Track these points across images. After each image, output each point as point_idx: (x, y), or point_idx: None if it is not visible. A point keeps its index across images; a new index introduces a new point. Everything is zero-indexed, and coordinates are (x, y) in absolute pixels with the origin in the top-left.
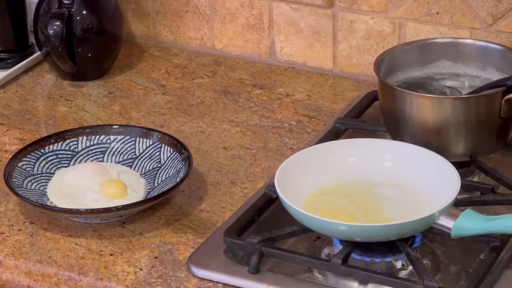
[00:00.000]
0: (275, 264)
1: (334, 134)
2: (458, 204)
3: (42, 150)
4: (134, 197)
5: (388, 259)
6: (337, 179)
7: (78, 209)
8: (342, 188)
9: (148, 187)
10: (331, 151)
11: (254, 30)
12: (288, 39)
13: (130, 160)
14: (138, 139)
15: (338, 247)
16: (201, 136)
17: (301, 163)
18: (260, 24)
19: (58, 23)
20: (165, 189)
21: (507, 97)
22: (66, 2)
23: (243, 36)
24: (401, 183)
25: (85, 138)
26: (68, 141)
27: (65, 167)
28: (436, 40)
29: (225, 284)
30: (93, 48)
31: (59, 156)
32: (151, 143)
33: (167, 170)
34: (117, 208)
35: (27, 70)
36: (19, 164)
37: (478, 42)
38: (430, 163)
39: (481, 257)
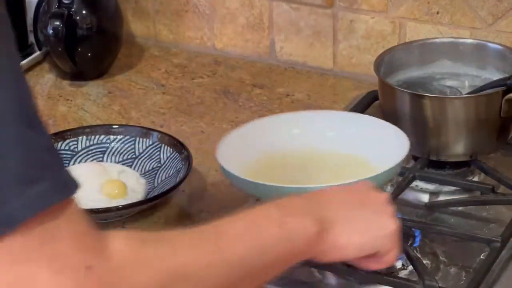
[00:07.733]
0: None
1: None
2: (459, 204)
3: None
4: (134, 197)
5: None
6: (281, 151)
7: None
8: (287, 159)
9: (148, 187)
10: (274, 124)
11: (254, 30)
12: (288, 38)
13: (130, 160)
14: (138, 139)
15: None
16: (201, 136)
17: (244, 137)
18: (260, 24)
19: (57, 22)
20: (165, 189)
21: (507, 96)
22: (65, 1)
23: (243, 36)
24: (347, 152)
25: (84, 138)
26: (67, 141)
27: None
28: (436, 39)
29: None
30: (93, 47)
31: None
32: (151, 143)
33: (167, 170)
34: (117, 208)
35: (27, 69)
36: None
37: (478, 42)
38: (377, 130)
39: (481, 257)
